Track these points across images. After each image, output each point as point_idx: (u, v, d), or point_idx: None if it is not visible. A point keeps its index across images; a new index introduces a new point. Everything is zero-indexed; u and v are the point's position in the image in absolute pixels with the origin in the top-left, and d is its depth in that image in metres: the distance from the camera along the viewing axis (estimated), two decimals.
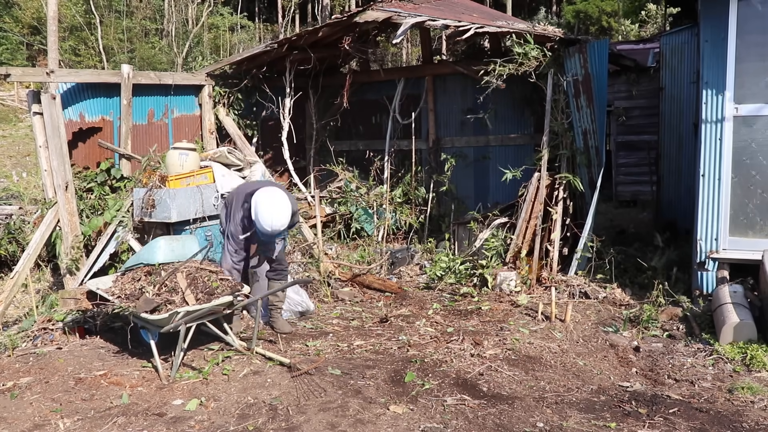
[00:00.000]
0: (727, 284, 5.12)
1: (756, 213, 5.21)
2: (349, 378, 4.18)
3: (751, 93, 5.11)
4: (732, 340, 4.56)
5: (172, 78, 7.40)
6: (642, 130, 11.21)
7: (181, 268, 4.60)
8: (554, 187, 6.50)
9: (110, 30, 27.08)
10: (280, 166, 8.55)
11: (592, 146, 6.40)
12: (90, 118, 6.56)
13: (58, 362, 4.56)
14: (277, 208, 4.65)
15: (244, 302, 4.79)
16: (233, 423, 3.57)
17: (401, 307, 5.78)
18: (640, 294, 5.82)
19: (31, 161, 15.34)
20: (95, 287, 4.65)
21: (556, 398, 3.87)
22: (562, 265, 6.41)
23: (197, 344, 4.77)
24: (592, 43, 6.26)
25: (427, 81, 8.35)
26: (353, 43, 7.76)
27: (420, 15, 6.76)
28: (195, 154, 6.47)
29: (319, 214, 7.31)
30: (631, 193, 11.90)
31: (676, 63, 8.18)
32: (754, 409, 3.65)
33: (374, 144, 8.79)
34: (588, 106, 6.28)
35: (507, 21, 7.43)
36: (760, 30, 5.04)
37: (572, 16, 26.92)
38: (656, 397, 3.83)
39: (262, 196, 4.69)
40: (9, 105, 23.15)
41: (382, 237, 7.75)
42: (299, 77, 8.40)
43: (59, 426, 3.59)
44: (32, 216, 7.53)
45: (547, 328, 5.11)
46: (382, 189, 8.03)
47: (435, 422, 3.54)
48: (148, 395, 4.00)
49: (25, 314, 5.97)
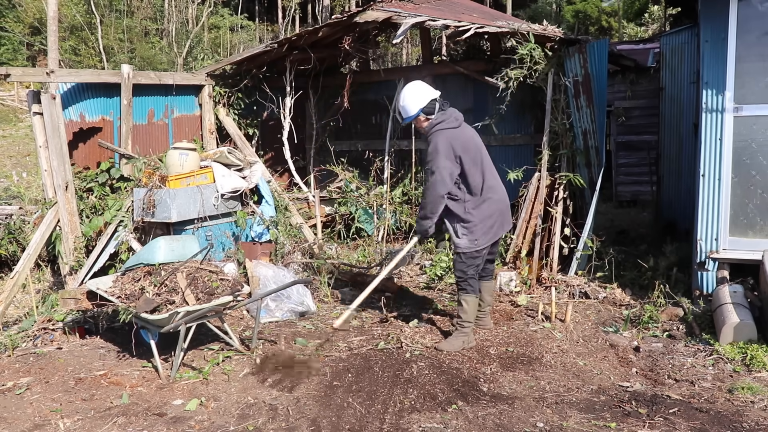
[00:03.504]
0: (727, 284, 5.12)
1: (756, 213, 5.21)
2: (349, 378, 4.18)
3: (751, 93, 5.11)
4: (732, 340, 4.56)
5: (173, 78, 7.40)
6: (642, 130, 11.21)
7: (181, 268, 4.61)
8: (554, 187, 6.50)
9: (110, 30, 27.08)
10: (281, 165, 8.55)
11: (592, 146, 6.40)
12: (90, 118, 6.56)
13: (58, 362, 4.57)
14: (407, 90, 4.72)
15: (244, 302, 4.79)
16: (233, 423, 3.57)
17: (401, 307, 5.78)
18: (640, 294, 5.82)
19: (31, 161, 15.34)
20: (95, 287, 4.65)
21: (556, 398, 3.87)
22: (562, 265, 6.42)
23: (197, 344, 4.77)
24: (592, 43, 6.26)
25: (427, 81, 8.34)
26: (353, 43, 7.76)
27: (420, 15, 6.76)
28: (195, 154, 6.47)
29: (319, 214, 7.32)
30: (631, 193, 11.90)
31: (676, 63, 8.18)
32: (754, 409, 3.66)
33: (374, 144, 8.79)
34: (588, 106, 6.28)
35: (507, 21, 7.43)
36: (760, 30, 5.04)
37: (572, 16, 26.94)
38: (656, 397, 3.83)
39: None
40: (9, 105, 23.15)
41: (382, 237, 7.75)
42: (299, 77, 8.40)
43: (59, 426, 3.59)
44: (32, 216, 7.53)
45: (547, 328, 5.11)
46: (382, 189, 8.03)
47: (435, 422, 3.54)
48: (148, 395, 4.00)
49: (25, 314, 5.97)
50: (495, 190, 4.66)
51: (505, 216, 4.77)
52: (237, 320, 5.53)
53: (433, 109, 4.62)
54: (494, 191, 4.65)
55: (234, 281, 4.80)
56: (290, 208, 7.29)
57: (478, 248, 4.63)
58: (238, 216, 6.55)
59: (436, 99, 4.65)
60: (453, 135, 4.53)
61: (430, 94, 4.67)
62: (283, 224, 6.92)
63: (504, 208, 4.74)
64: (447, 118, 4.58)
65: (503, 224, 4.76)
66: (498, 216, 4.67)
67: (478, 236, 4.61)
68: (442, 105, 4.65)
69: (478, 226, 4.58)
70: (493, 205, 4.63)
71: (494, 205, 4.64)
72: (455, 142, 4.51)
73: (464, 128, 4.68)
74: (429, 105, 4.62)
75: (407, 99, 4.69)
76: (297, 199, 7.93)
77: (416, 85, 4.76)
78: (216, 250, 6.11)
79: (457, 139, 4.53)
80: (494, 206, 4.64)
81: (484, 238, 4.63)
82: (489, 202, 4.61)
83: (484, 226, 4.60)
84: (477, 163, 4.58)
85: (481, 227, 4.60)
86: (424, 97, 4.64)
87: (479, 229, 4.60)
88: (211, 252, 5.08)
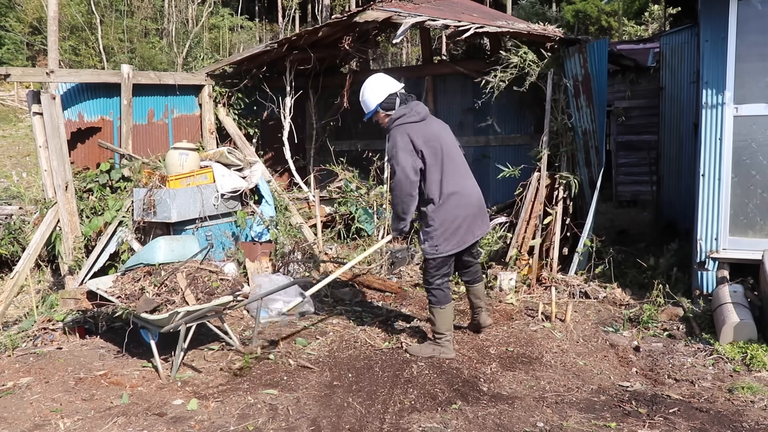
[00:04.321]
0: (727, 284, 5.12)
1: (756, 213, 5.21)
2: (350, 378, 4.18)
3: (751, 93, 5.11)
4: (732, 339, 4.56)
5: (173, 78, 7.40)
6: (642, 129, 11.21)
7: (181, 268, 4.61)
8: (554, 187, 6.50)
9: (110, 30, 27.08)
10: (281, 165, 8.55)
11: (592, 146, 6.40)
12: (89, 118, 6.56)
13: (58, 362, 4.56)
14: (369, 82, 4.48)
15: (244, 302, 4.79)
16: (233, 423, 3.57)
17: (401, 307, 5.78)
18: (640, 294, 5.82)
19: (31, 161, 15.34)
20: (95, 287, 4.65)
21: (556, 398, 3.87)
22: (562, 265, 6.42)
23: (197, 344, 4.77)
24: (592, 43, 6.27)
25: (427, 81, 8.35)
26: (353, 43, 7.76)
27: (420, 15, 6.76)
28: (195, 154, 6.47)
29: (319, 214, 7.31)
30: (631, 193, 11.90)
31: (676, 63, 8.18)
32: (754, 409, 3.65)
33: (374, 144, 8.79)
34: (588, 106, 6.28)
35: (507, 21, 7.43)
36: (760, 30, 5.04)
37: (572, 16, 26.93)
38: (656, 397, 3.83)
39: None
40: (9, 105, 23.14)
41: (382, 237, 7.75)
42: (299, 77, 8.40)
43: (59, 426, 3.59)
44: (32, 216, 7.53)
45: (547, 328, 5.11)
46: (382, 189, 8.03)
47: (435, 422, 3.54)
48: (148, 395, 4.00)
49: (25, 314, 5.97)
50: (462, 193, 4.29)
51: (476, 220, 4.38)
52: (237, 320, 5.53)
53: (393, 104, 4.35)
54: (461, 194, 4.28)
55: (234, 281, 4.80)
56: (290, 208, 7.30)
57: (441, 255, 4.30)
58: (238, 216, 6.55)
59: (397, 93, 4.37)
60: (413, 129, 4.25)
61: (388, 88, 4.38)
62: (283, 224, 6.93)
63: (475, 212, 4.36)
64: (407, 112, 4.29)
65: (472, 229, 4.36)
66: (464, 220, 4.30)
67: (439, 242, 4.27)
68: (405, 99, 4.36)
69: (438, 231, 4.26)
70: (458, 209, 4.27)
71: (460, 210, 4.28)
72: (415, 136, 4.22)
73: (429, 123, 4.36)
74: (388, 99, 4.36)
75: (366, 93, 4.44)
76: (297, 199, 7.93)
77: (376, 79, 4.48)
78: (216, 250, 6.11)
79: (417, 132, 4.24)
80: (460, 210, 4.28)
81: (446, 245, 4.29)
82: (452, 205, 4.25)
83: (445, 231, 4.26)
84: (438, 160, 4.25)
85: (442, 232, 4.27)
86: (382, 92, 4.37)
87: (439, 234, 4.27)
88: (211, 252, 5.08)
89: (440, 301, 4.45)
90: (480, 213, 4.43)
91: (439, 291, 4.44)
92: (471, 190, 4.37)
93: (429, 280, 4.44)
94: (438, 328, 4.49)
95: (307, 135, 9.26)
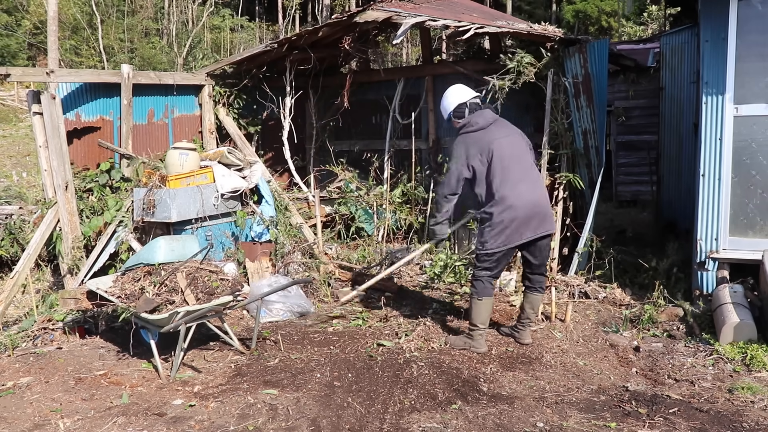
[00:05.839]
0: (727, 284, 5.12)
1: (756, 213, 5.21)
2: (350, 378, 4.18)
3: (751, 93, 5.11)
4: (732, 340, 4.56)
5: (173, 78, 7.40)
6: (642, 130, 11.22)
7: (181, 268, 4.61)
8: (554, 187, 6.50)
9: (111, 30, 27.08)
10: (281, 165, 8.55)
11: (592, 146, 6.40)
12: (89, 118, 6.56)
13: (58, 362, 4.57)
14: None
15: (244, 302, 4.79)
16: (233, 423, 3.57)
17: (401, 307, 5.78)
18: (640, 294, 5.82)
19: (31, 161, 15.34)
20: (95, 287, 4.65)
21: (556, 398, 3.87)
22: (562, 265, 6.42)
23: (197, 344, 4.78)
24: (592, 43, 6.26)
25: (427, 81, 8.35)
26: (353, 43, 7.75)
27: (420, 15, 6.75)
28: (195, 154, 6.47)
29: (319, 214, 7.31)
30: (631, 193, 11.91)
31: (676, 63, 8.18)
32: (754, 409, 3.65)
33: (374, 144, 8.79)
34: (588, 106, 6.28)
35: (507, 21, 7.42)
36: (760, 30, 5.03)
37: (572, 16, 26.94)
38: (656, 397, 3.83)
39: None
40: (9, 105, 23.14)
41: (382, 237, 7.75)
42: (299, 77, 8.40)
43: (59, 426, 3.59)
44: (32, 216, 7.54)
45: (547, 328, 5.11)
46: (381, 189, 8.03)
47: (435, 422, 3.54)
48: (148, 395, 4.01)
49: (25, 314, 5.97)
50: (510, 197, 4.47)
51: (528, 222, 4.51)
52: (237, 320, 5.53)
53: (462, 113, 4.69)
54: (510, 198, 4.47)
55: (234, 281, 4.80)
56: (290, 208, 7.29)
57: (487, 251, 4.55)
58: (238, 216, 6.55)
59: (466, 103, 4.70)
60: (471, 138, 4.60)
61: (460, 98, 4.75)
62: (283, 224, 6.92)
63: (527, 215, 4.49)
64: (469, 121, 4.64)
65: (520, 231, 4.50)
66: (511, 222, 4.48)
67: (486, 239, 4.55)
68: (475, 108, 4.68)
69: (486, 229, 4.55)
70: (505, 212, 4.47)
71: (508, 212, 4.47)
72: (471, 146, 4.57)
73: (489, 131, 4.60)
74: (457, 109, 4.72)
75: (443, 102, 4.85)
76: (297, 199, 7.93)
77: (451, 89, 4.85)
78: (216, 250, 6.10)
79: (474, 143, 4.57)
80: (507, 213, 4.47)
81: (492, 243, 4.52)
82: (500, 209, 4.47)
83: (492, 230, 4.52)
84: (489, 168, 4.52)
85: (489, 231, 4.54)
86: (454, 101, 4.75)
87: (486, 232, 4.55)
88: (211, 252, 5.08)
89: (479, 292, 4.65)
90: (533, 216, 4.54)
91: (479, 282, 4.66)
92: (523, 194, 4.52)
93: (474, 272, 4.72)
94: (473, 319, 4.69)
95: (307, 135, 9.25)
